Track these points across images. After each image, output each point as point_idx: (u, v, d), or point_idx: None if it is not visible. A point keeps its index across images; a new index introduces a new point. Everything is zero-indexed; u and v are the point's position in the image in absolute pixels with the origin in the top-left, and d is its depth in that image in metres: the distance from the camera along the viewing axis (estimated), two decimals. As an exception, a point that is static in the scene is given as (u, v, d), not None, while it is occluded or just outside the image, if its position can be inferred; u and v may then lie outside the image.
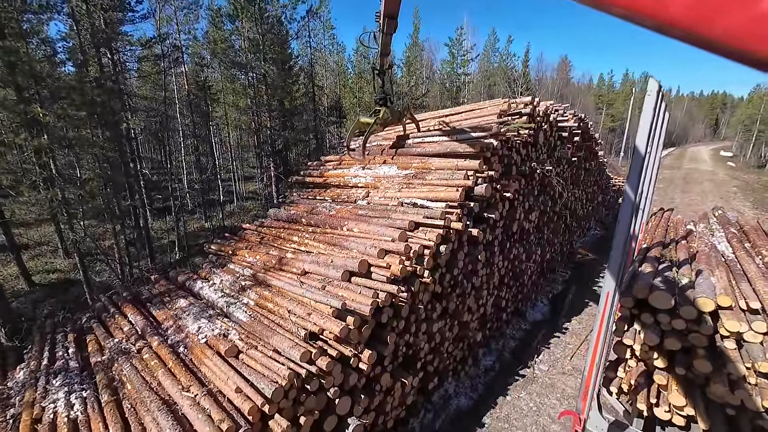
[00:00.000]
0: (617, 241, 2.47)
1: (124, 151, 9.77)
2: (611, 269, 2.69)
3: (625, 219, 2.42)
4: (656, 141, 2.97)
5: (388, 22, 5.53)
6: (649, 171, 2.98)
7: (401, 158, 7.46)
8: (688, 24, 0.36)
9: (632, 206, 2.44)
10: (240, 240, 7.26)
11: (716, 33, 0.35)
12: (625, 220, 2.42)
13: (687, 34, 0.37)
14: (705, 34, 0.36)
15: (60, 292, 11.03)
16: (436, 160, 6.75)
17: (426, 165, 6.80)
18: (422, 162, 6.93)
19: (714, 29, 0.35)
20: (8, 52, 5.97)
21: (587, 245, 13.45)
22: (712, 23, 0.35)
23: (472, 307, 6.45)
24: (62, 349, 5.36)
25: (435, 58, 31.83)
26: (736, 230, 5.56)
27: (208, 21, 16.54)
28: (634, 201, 2.42)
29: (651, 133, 2.37)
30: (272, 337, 4.22)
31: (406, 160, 7.31)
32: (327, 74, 28.27)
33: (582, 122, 11.75)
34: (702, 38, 0.37)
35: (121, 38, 9.92)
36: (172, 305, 5.78)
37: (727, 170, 36.01)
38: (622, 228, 2.43)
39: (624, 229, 2.43)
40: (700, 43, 0.38)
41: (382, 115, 6.95)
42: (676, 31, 0.38)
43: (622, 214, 2.43)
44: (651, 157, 2.75)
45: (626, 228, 2.43)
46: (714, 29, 0.35)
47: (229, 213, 20.22)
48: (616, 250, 2.50)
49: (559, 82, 41.26)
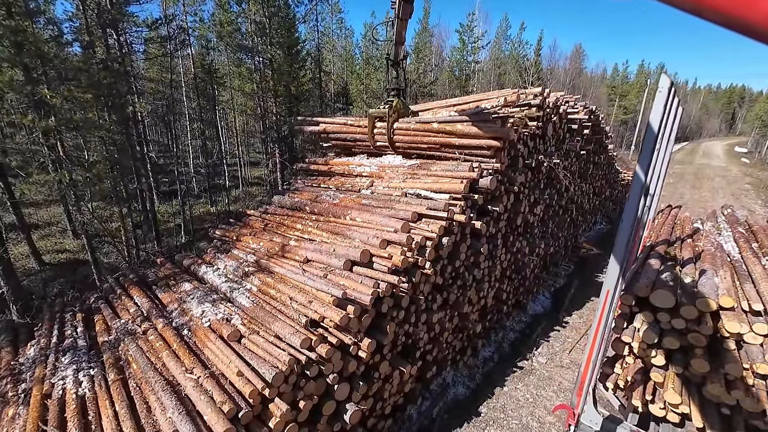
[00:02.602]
0: (619, 242, 2.45)
1: (131, 135, 9.81)
2: (612, 269, 2.67)
3: (628, 219, 2.39)
4: (666, 139, 2.91)
5: (403, 6, 5.40)
6: (658, 169, 2.92)
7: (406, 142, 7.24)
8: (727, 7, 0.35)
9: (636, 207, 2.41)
10: (244, 226, 7.31)
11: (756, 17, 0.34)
12: (628, 220, 2.39)
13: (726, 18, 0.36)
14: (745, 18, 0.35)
15: (69, 271, 11.28)
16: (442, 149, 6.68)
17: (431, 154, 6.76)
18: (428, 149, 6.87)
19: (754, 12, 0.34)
20: (15, 32, 5.95)
21: (592, 240, 13.35)
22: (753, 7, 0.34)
23: (473, 299, 6.48)
24: (71, 328, 5.52)
25: (445, 45, 31.12)
26: (744, 229, 5.47)
27: (214, 2, 16.30)
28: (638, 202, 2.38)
29: (660, 132, 2.31)
30: (274, 323, 4.30)
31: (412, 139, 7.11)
32: (334, 59, 27.85)
33: (593, 114, 11.50)
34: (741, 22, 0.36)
35: (127, 19, 9.82)
36: (177, 288, 5.89)
37: (740, 166, 35.20)
38: (624, 228, 2.41)
39: (627, 230, 2.41)
40: (739, 28, 0.37)
41: (395, 105, 6.90)
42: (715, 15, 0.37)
43: (625, 215, 2.40)
44: (660, 154, 2.69)
45: (629, 228, 2.41)
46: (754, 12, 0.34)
47: (234, 198, 20.34)
48: (617, 251, 2.48)
49: (571, 72, 40.18)
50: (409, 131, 6.95)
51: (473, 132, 6.11)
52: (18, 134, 8.74)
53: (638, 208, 2.40)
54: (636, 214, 2.41)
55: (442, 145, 6.60)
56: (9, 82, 5.82)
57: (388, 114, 6.82)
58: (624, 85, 54.44)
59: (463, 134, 6.24)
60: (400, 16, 5.54)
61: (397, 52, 6.57)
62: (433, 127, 6.58)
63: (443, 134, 6.49)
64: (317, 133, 8.78)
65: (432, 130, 6.61)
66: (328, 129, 8.56)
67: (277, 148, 15.63)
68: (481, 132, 6.02)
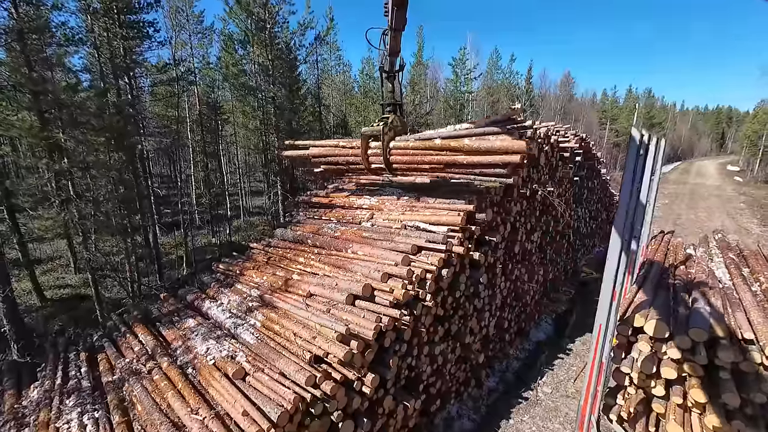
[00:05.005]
0: (606, 283, 2.59)
1: (138, 171, 10.16)
2: (603, 303, 2.80)
3: (613, 260, 2.55)
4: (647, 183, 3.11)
5: (396, 14, 4.87)
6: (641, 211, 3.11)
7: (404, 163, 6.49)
8: None
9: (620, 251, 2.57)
10: (247, 259, 7.45)
11: None
12: (613, 260, 2.55)
13: None
14: None
15: (71, 307, 11.27)
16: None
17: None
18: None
19: None
20: (36, 83, 6.39)
21: (592, 263, 13.40)
22: None
23: (475, 329, 6.52)
24: (75, 368, 5.53)
25: (439, 77, 32.58)
26: (735, 255, 5.62)
27: (220, 46, 17.34)
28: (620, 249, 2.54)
29: (634, 183, 2.52)
30: (278, 359, 4.35)
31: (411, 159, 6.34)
32: (333, 93, 29.06)
33: (583, 142, 11.94)
34: None
35: (139, 65, 10.48)
36: (181, 325, 5.95)
37: (734, 185, 35.74)
38: (609, 270, 2.56)
39: (611, 271, 2.56)
40: None
41: (392, 121, 6.15)
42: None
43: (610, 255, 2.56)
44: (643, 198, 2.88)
45: (614, 269, 2.56)
46: None
47: (236, 228, 20.56)
48: (605, 290, 2.62)
49: (562, 98, 41.70)
50: (407, 150, 6.21)
51: (484, 147, 5.37)
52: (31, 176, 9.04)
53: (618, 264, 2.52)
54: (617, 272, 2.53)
55: (446, 164, 5.92)
56: (28, 129, 6.19)
57: (383, 131, 6.03)
58: (614, 109, 56.23)
59: (471, 150, 5.53)
60: (393, 26, 5.01)
61: (392, 63, 5.89)
62: (436, 144, 5.87)
63: (448, 152, 5.79)
64: (307, 157, 8.23)
65: (434, 147, 5.90)
66: (318, 153, 7.94)
67: (279, 180, 16.03)
68: (495, 146, 5.27)
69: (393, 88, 6.10)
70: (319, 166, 8.38)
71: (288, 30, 16.19)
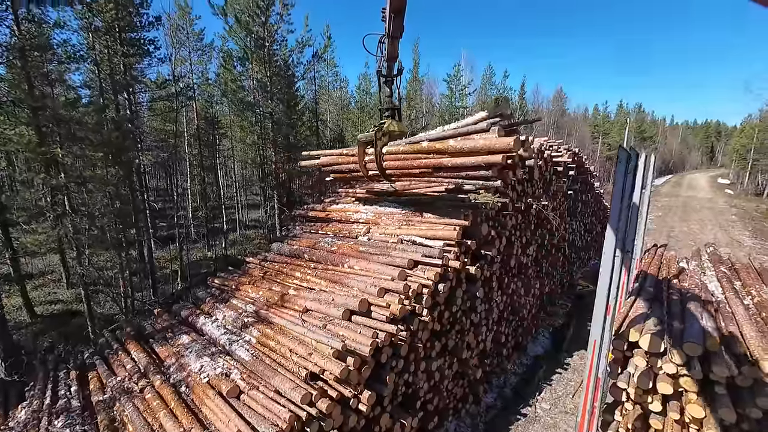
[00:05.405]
0: (599, 298, 2.63)
1: (134, 186, 10.17)
2: (597, 318, 2.83)
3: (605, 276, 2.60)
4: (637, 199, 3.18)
5: (394, 21, 4.81)
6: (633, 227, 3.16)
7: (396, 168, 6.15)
8: None
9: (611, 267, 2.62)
10: (243, 274, 7.41)
11: None
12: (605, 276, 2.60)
13: None
14: None
15: (62, 323, 11.05)
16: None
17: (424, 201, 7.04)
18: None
19: None
20: (35, 99, 6.46)
21: (588, 276, 13.44)
22: None
23: (472, 344, 6.49)
24: (64, 387, 5.41)
25: (434, 93, 33.25)
26: (726, 268, 5.70)
27: (219, 63, 17.66)
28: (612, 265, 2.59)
29: (623, 200, 2.59)
30: (274, 377, 4.30)
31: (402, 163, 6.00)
32: (330, 108, 29.49)
33: (576, 156, 12.18)
34: None
35: (139, 81, 10.62)
36: (175, 341, 5.86)
37: (725, 198, 36.31)
38: (602, 285, 2.60)
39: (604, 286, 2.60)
40: None
41: (386, 127, 6.01)
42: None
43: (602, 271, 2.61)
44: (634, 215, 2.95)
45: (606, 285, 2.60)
46: None
47: (232, 242, 20.44)
48: (599, 306, 2.66)
49: (555, 113, 42.58)
50: (399, 155, 5.90)
51: (467, 147, 4.94)
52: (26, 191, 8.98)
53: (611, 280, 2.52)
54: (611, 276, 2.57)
55: (433, 167, 5.50)
56: (26, 144, 6.23)
57: (375, 137, 5.86)
58: (606, 123, 57.40)
59: (456, 152, 5.12)
60: (390, 33, 4.96)
61: (390, 68, 5.82)
62: (423, 147, 5.52)
63: (434, 154, 5.40)
64: (317, 166, 8.35)
65: (422, 150, 5.54)
66: (326, 161, 8.05)
67: (276, 194, 16.09)
68: (478, 146, 4.82)
69: (391, 92, 6.01)
70: (329, 175, 8.52)
71: (286, 48, 16.60)
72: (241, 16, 15.23)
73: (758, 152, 40.96)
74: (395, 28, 4.88)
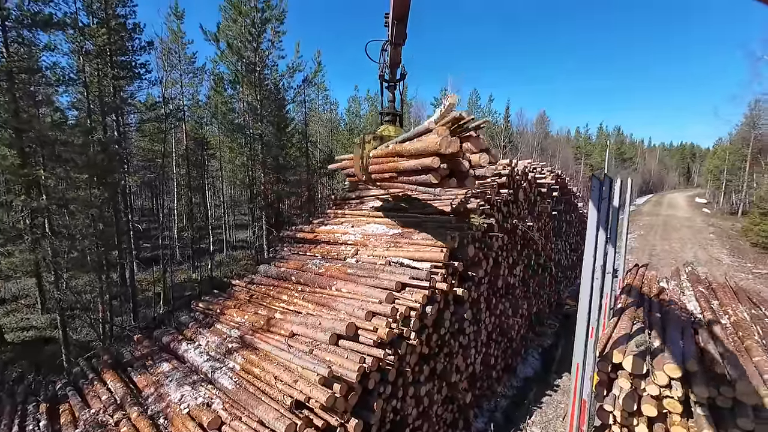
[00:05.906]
0: (580, 322, 2.70)
1: (119, 207, 10.00)
2: (579, 343, 2.88)
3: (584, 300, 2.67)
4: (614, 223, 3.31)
5: (397, 28, 4.85)
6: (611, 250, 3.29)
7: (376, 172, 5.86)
8: None
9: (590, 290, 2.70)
10: (229, 297, 7.26)
11: None
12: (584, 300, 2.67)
13: None
14: None
15: (34, 352, 10.50)
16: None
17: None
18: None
19: None
20: (21, 122, 6.41)
21: (575, 295, 13.60)
22: None
23: (461, 367, 6.43)
24: (33, 421, 5.09)
25: (422, 116, 34.14)
26: (704, 288, 5.88)
27: (209, 86, 17.92)
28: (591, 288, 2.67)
29: (599, 224, 2.72)
30: (258, 406, 4.17)
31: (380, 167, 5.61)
32: (320, 130, 29.94)
33: (559, 178, 12.57)
34: None
35: (128, 103, 10.64)
36: (155, 370, 5.64)
37: (703, 216, 37.66)
38: (582, 309, 2.67)
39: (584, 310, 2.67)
40: None
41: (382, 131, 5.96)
42: None
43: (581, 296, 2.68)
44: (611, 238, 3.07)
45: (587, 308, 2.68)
46: None
47: (218, 263, 20.02)
48: (580, 329, 2.72)
49: (538, 135, 44.10)
50: (379, 158, 5.57)
51: (414, 149, 4.48)
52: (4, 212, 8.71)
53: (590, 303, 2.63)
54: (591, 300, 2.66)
55: (398, 171, 5.08)
56: (9, 166, 6.12)
57: (363, 141, 5.69)
58: (587, 145, 59.59)
59: (410, 154, 4.65)
60: (393, 40, 5.05)
61: (393, 73, 5.84)
62: (390, 150, 5.26)
63: (396, 157, 5.02)
64: (338, 169, 8.45)
65: (390, 153, 5.25)
66: (339, 166, 8.18)
67: (264, 214, 16.00)
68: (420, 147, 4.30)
69: (393, 97, 6.06)
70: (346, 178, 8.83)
71: (277, 72, 17.01)
72: (233, 42, 15.61)
73: (730, 173, 42.95)
74: (398, 35, 4.97)
